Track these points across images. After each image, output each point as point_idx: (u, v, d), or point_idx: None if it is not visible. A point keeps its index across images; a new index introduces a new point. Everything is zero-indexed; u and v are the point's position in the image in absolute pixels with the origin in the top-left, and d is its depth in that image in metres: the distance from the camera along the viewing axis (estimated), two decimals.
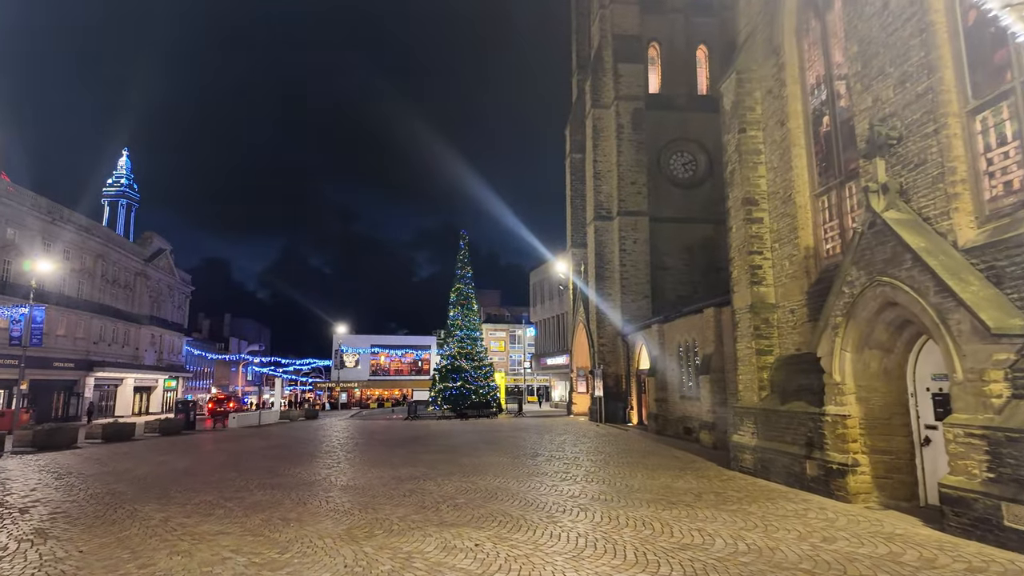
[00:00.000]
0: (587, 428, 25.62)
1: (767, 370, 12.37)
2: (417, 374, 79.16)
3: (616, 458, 15.33)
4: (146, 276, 59.46)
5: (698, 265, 30.37)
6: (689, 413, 20.48)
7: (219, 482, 12.15)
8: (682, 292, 29.92)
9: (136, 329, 57.06)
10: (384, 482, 11.83)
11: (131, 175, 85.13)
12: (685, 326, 20.88)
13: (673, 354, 22.02)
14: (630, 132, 30.26)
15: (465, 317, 39.31)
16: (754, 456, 12.10)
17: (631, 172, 29.95)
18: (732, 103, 13.63)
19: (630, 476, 12.14)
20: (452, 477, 12.30)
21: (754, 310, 12.58)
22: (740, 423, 12.84)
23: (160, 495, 10.69)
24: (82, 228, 47.51)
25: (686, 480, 11.63)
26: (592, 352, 30.55)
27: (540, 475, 12.48)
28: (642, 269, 29.33)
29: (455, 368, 37.83)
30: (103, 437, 23.27)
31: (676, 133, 31.41)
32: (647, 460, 14.86)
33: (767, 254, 12.77)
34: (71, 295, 46.55)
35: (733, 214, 13.50)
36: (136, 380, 57.03)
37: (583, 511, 8.82)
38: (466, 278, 40.21)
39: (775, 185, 12.69)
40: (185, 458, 17.03)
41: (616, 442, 19.60)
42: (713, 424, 17.80)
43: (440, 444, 19.65)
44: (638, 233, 29.54)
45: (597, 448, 17.79)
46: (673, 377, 22.00)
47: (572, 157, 37.40)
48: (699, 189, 31.07)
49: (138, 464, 15.70)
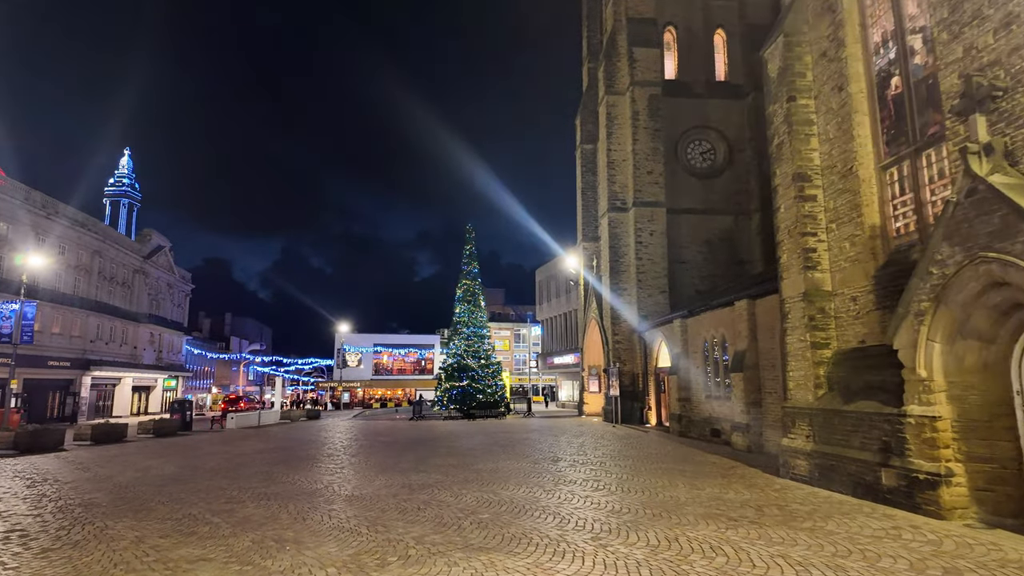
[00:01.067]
0: (603, 429, 24.26)
1: (824, 366, 10.99)
2: (420, 373, 77.83)
3: (646, 463, 13.96)
4: (145, 273, 58.21)
5: (718, 258, 29.01)
6: (717, 414, 19.10)
7: (208, 491, 10.81)
8: (701, 287, 28.57)
9: (134, 327, 55.80)
10: (393, 492, 10.49)
11: (133, 175, 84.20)
12: (712, 321, 19.51)
13: (698, 351, 20.65)
14: (646, 119, 28.88)
15: (471, 314, 37.97)
16: (810, 462, 10.73)
17: (647, 161, 28.57)
18: (779, 69, 12.26)
19: (670, 485, 10.78)
20: (470, 486, 10.95)
21: (808, 299, 11.21)
22: (791, 425, 11.47)
23: (139, 507, 9.36)
24: (78, 223, 46.24)
25: (735, 490, 10.26)
26: (606, 350, 29.19)
27: (568, 483, 11.12)
28: (659, 262, 27.95)
29: (461, 367, 36.50)
30: (92, 439, 21.97)
31: (693, 121, 30.06)
32: (681, 466, 13.49)
33: (822, 236, 11.39)
34: (67, 292, 45.30)
35: (782, 192, 12.12)
36: (135, 379, 55.78)
37: (634, 531, 7.47)
38: (472, 273, 38.84)
39: (831, 158, 11.32)
40: (176, 462, 15.70)
41: (639, 445, 18.24)
42: (747, 426, 16.43)
43: (450, 447, 18.32)
44: (655, 225, 28.15)
45: (621, 452, 16.43)
46: (698, 375, 20.63)
47: (583, 148, 36.04)
48: (718, 179, 29.72)
49: (123, 469, 14.38)
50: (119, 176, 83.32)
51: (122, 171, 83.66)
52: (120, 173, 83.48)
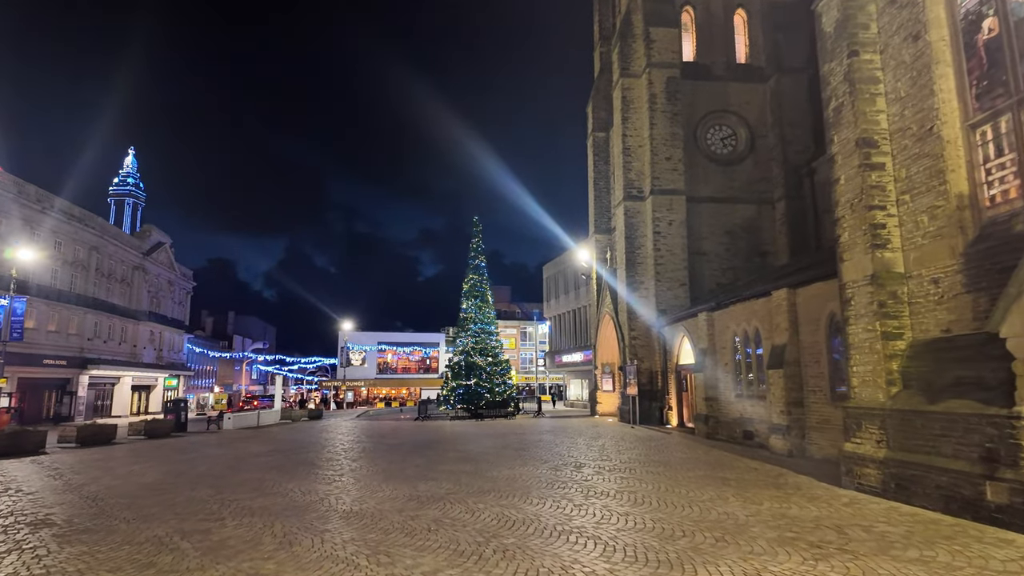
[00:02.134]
0: (621, 431, 22.76)
1: (897, 359, 9.47)
2: (425, 372, 76.46)
3: (681, 470, 12.47)
4: (144, 270, 56.99)
5: (739, 250, 27.47)
6: (749, 414, 17.59)
7: (187, 504, 9.39)
8: (722, 280, 27.04)
9: (134, 325, 54.59)
10: (399, 506, 9.04)
11: (137, 174, 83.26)
12: (744, 313, 17.99)
13: (726, 347, 19.13)
14: (664, 102, 27.34)
15: (479, 310, 36.50)
16: (882, 472, 9.22)
17: (665, 146, 27.03)
18: (836, 22, 10.73)
19: (719, 498, 9.29)
20: (486, 498, 9.49)
21: (877, 282, 9.69)
22: (856, 428, 9.95)
23: (98, 527, 7.93)
24: (74, 218, 44.99)
25: (798, 504, 8.76)
26: (622, 347, 27.69)
27: (600, 496, 9.65)
28: (678, 254, 26.42)
29: (469, 365, 35.04)
30: (78, 441, 20.61)
31: (713, 105, 28.52)
32: (721, 473, 12.00)
33: (892, 209, 9.87)
34: (63, 288, 44.08)
35: (841, 162, 10.60)
36: (134, 379, 54.56)
37: (700, 564, 5.98)
38: (480, 268, 37.35)
39: (902, 120, 9.79)
40: (161, 467, 14.30)
41: (665, 448, 16.74)
42: (787, 428, 14.90)
43: (460, 450, 16.86)
44: (674, 214, 26.62)
45: (648, 456, 14.93)
46: (726, 373, 19.11)
47: (595, 136, 34.52)
48: (740, 166, 28.17)
49: (101, 476, 12.99)
50: (123, 176, 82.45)
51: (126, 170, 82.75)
52: (124, 173, 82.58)
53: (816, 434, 14.31)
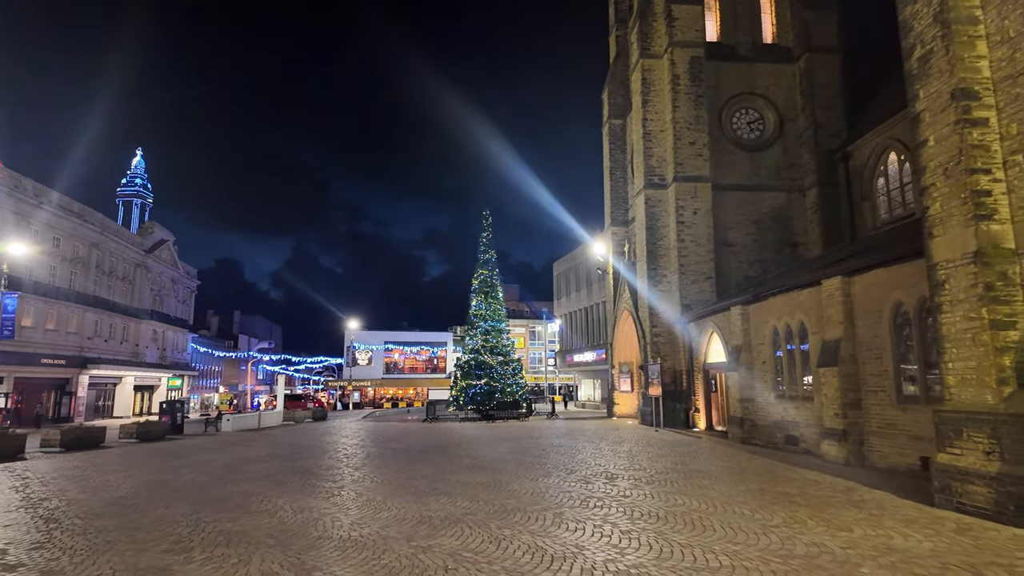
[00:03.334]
0: (646, 434, 21.11)
1: (1011, 353, 7.80)
2: (433, 372, 74.99)
3: (729, 483, 10.83)
4: (147, 268, 55.78)
5: (768, 241, 25.74)
6: (792, 417, 15.90)
7: (153, 527, 7.86)
8: (750, 273, 25.33)
9: (136, 324, 53.39)
10: (407, 531, 7.46)
11: (145, 175, 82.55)
12: (786, 306, 16.29)
13: (764, 343, 17.44)
14: (687, 84, 25.66)
15: (489, 306, 34.90)
16: (995, 490, 7.55)
17: (689, 131, 25.35)
18: None
19: (796, 523, 7.65)
20: (511, 521, 7.90)
21: (983, 260, 8.02)
22: (955, 436, 8.28)
23: (31, 562, 6.39)
24: (73, 214, 43.74)
25: (899, 533, 7.11)
26: (642, 345, 26.02)
27: (650, 519, 8.03)
28: (703, 244, 24.72)
29: (479, 364, 33.46)
30: (62, 445, 19.19)
31: (739, 87, 26.79)
32: (780, 487, 10.34)
33: (998, 173, 8.20)
34: (62, 286, 42.87)
35: (929, 120, 8.93)
36: (137, 378, 53.36)
37: None
38: (490, 262, 35.74)
39: (1012, 65, 8.12)
40: (141, 477, 12.80)
41: (701, 455, 15.08)
42: (843, 432, 13.21)
43: (474, 457, 15.27)
44: (698, 202, 24.92)
45: (684, 465, 13.29)
46: (765, 372, 17.43)
47: (611, 123, 32.86)
48: (768, 152, 26.43)
49: (68, 487, 11.49)
50: (131, 176, 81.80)
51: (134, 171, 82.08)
52: (132, 173, 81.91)
53: (878, 440, 12.63)
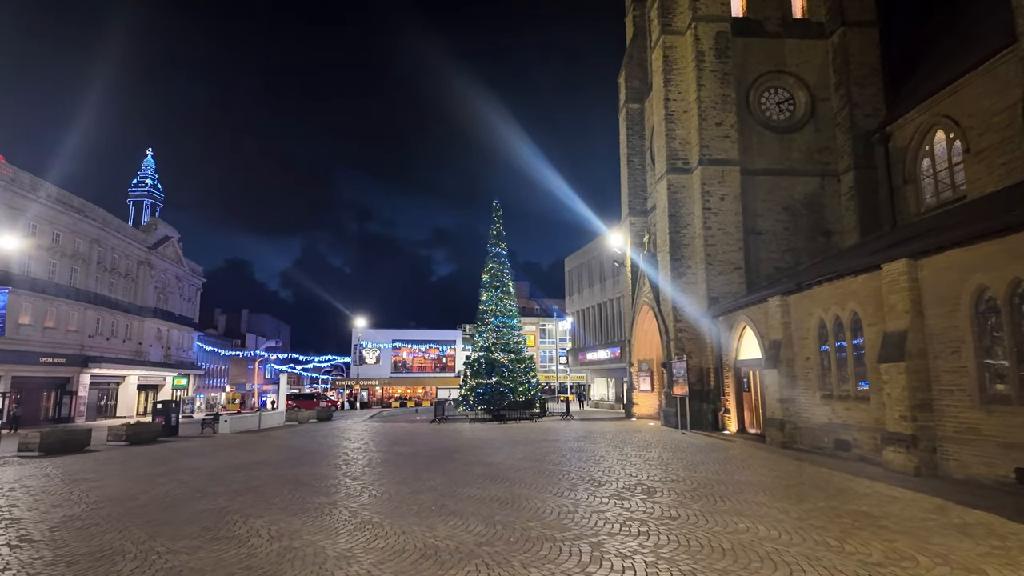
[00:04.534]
0: (672, 437, 19.42)
1: None
2: (442, 371, 73.52)
3: (790, 499, 9.15)
4: (150, 265, 54.66)
5: (800, 229, 23.96)
6: (843, 419, 14.16)
7: (87, 560, 6.32)
8: (781, 263, 23.57)
9: (139, 322, 52.29)
10: (408, 568, 5.87)
11: (155, 175, 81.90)
12: (835, 295, 14.55)
13: (808, 336, 15.69)
14: (712, 61, 23.90)
15: (500, 302, 33.31)
16: None
17: (715, 111, 23.60)
18: None
19: (900, 558, 5.99)
20: (539, 554, 6.29)
21: None
22: None
23: None
24: (73, 208, 42.60)
25: None
26: (665, 341, 24.30)
27: (715, 555, 6.39)
28: (732, 233, 22.97)
29: (489, 362, 31.88)
30: (41, 448, 17.81)
31: (767, 65, 25.01)
32: (852, 504, 8.66)
33: None
34: (62, 283, 41.75)
35: None
36: (140, 378, 52.27)
37: None
38: (500, 256, 34.13)
39: None
40: (108, 489, 11.31)
41: (743, 463, 13.39)
42: (911, 438, 11.48)
43: (486, 464, 13.67)
44: (726, 187, 23.17)
45: (729, 475, 11.61)
46: (809, 368, 15.69)
47: (628, 107, 31.14)
48: (799, 134, 24.63)
49: (19, 501, 10.01)
50: (142, 176, 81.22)
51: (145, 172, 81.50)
52: (143, 173, 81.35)
53: (955, 447, 10.89)
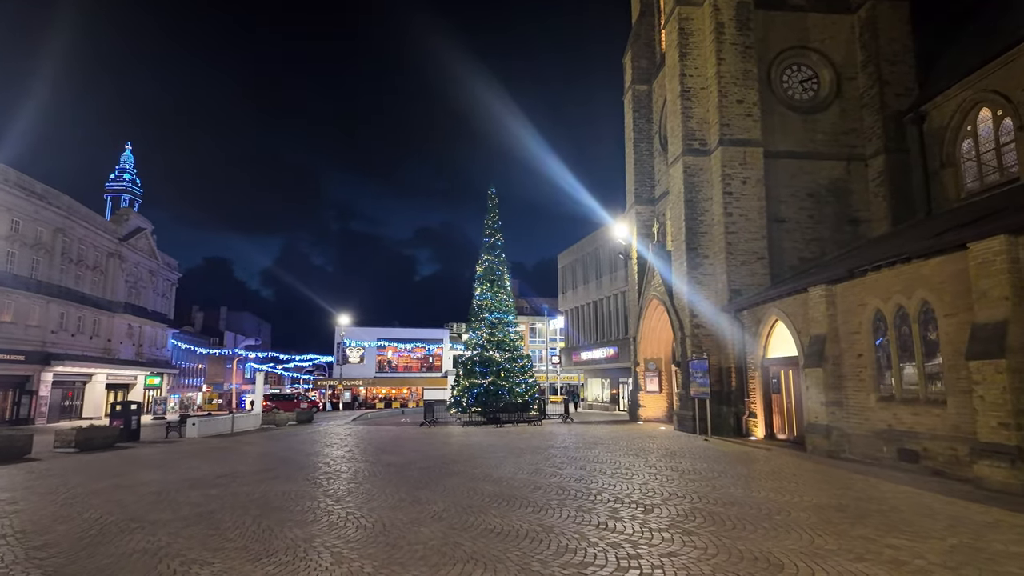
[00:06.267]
0: (695, 445, 17.35)
1: None
2: (428, 371, 71.01)
3: (902, 532, 7.07)
4: (121, 258, 51.55)
5: (825, 216, 22.10)
6: (911, 426, 12.17)
7: None
8: (805, 253, 21.70)
9: (108, 318, 49.20)
10: None
11: (134, 170, 78.57)
12: (897, 282, 12.56)
13: (862, 330, 13.70)
14: (733, 33, 21.94)
15: (495, 296, 31.10)
16: None
17: (736, 87, 21.63)
18: None
19: None
20: None
21: None
22: None
23: None
24: (34, 195, 39.54)
25: None
26: (680, 338, 22.26)
27: None
28: (755, 219, 21.01)
29: (484, 360, 29.65)
30: None
31: (789, 41, 23.15)
32: (992, 539, 6.60)
33: None
34: (21, 274, 38.71)
35: None
36: (109, 376, 49.19)
37: None
38: (496, 247, 31.93)
39: None
40: (20, 515, 8.92)
41: (798, 478, 11.32)
42: (1017, 450, 9.49)
43: (495, 479, 11.45)
44: (748, 170, 21.21)
45: (796, 496, 9.52)
46: (861, 367, 13.70)
47: (635, 89, 29.14)
48: (824, 114, 22.79)
49: None
50: (120, 171, 77.84)
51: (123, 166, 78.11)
52: (121, 168, 77.97)
53: None
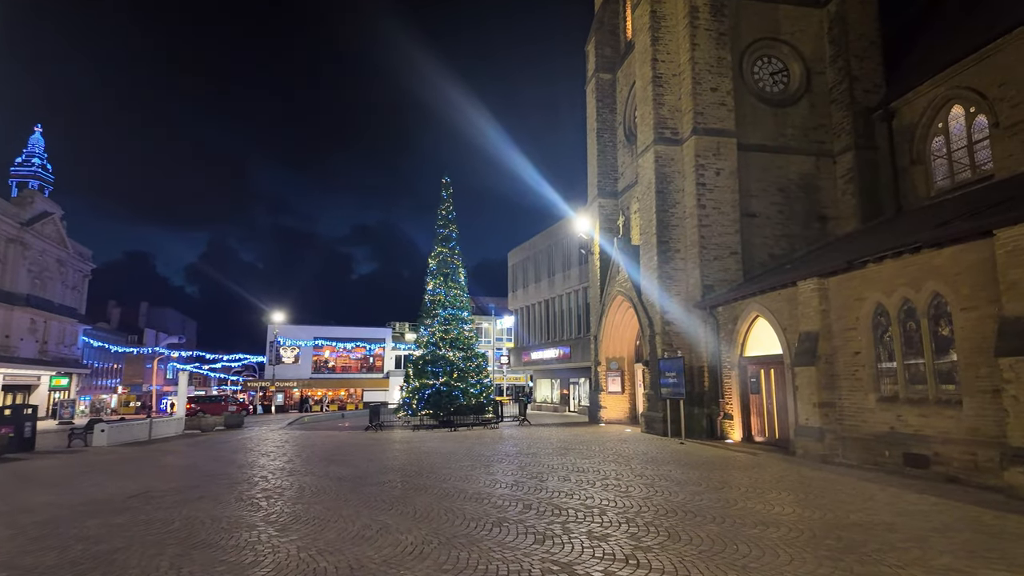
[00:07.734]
0: (672, 448, 16.11)
1: None
2: (369, 371, 67.83)
3: (976, 557, 5.85)
4: (23, 244, 46.12)
5: (795, 213, 21.54)
6: (919, 428, 11.27)
7: None
8: (776, 250, 21.05)
9: (6, 311, 43.86)
10: None
11: (44, 154, 70.98)
12: (906, 273, 11.66)
13: (859, 326, 12.79)
14: (708, 18, 21.03)
15: (449, 291, 29.19)
16: None
17: (710, 74, 20.72)
18: None
19: None
20: None
21: None
22: None
23: None
24: None
25: None
26: (648, 336, 21.11)
27: None
28: (728, 213, 20.13)
29: (436, 359, 27.66)
30: None
31: (762, 31, 22.51)
32: None
33: None
34: None
35: None
36: (6, 377, 43.84)
37: None
38: (451, 240, 30.01)
39: None
40: None
41: (805, 487, 10.14)
42: None
43: (473, 498, 9.67)
44: (722, 161, 20.32)
45: (828, 512, 8.27)
46: (858, 365, 12.78)
47: (598, 77, 27.96)
48: (793, 108, 22.25)
49: None
50: (28, 155, 70.18)
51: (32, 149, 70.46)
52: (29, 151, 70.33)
53: None
